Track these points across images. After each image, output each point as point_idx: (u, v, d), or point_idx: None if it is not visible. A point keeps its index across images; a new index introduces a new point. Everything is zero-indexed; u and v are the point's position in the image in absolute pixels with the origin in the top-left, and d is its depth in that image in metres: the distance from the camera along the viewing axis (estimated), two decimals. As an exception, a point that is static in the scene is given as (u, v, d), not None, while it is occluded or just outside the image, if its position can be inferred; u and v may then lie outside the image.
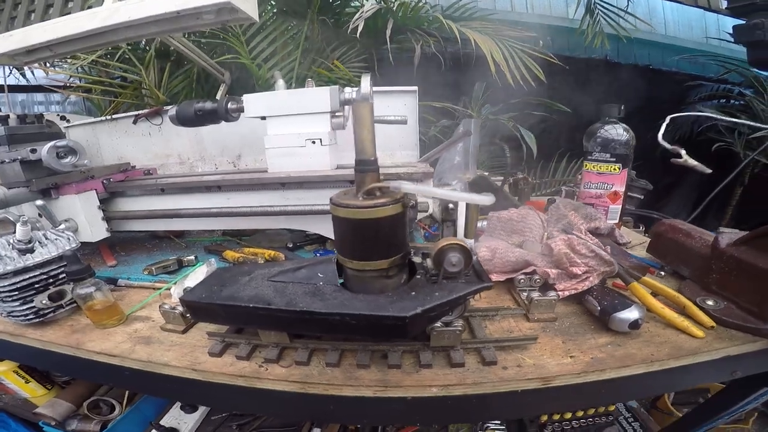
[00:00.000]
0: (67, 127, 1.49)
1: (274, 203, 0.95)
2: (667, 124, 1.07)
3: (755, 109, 2.70)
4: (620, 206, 1.17)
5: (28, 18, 1.05)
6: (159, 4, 0.85)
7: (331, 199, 0.57)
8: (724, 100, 3.11)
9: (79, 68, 2.03)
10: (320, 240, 1.07)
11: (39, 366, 1.14)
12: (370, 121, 0.50)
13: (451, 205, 0.66)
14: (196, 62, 1.53)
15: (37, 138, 1.07)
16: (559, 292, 0.78)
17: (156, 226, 1.14)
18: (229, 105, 1.00)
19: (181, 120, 1.01)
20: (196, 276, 0.90)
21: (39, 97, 3.01)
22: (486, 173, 1.32)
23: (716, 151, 2.56)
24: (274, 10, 2.03)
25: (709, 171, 0.84)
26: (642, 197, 1.43)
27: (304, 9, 1.94)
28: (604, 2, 2.39)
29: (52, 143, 0.95)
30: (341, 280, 0.64)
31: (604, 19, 2.38)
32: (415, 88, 1.19)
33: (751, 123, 0.90)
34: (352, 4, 2.13)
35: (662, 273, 0.91)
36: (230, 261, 1.01)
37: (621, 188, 1.14)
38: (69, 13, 0.97)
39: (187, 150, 1.34)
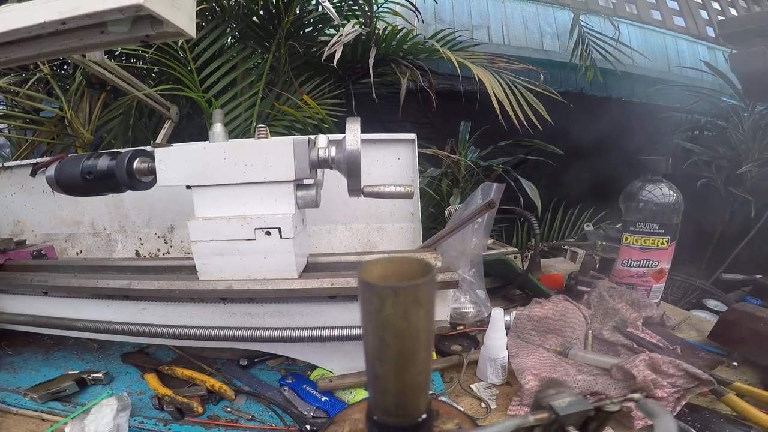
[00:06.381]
0: (-56, 177, 1.11)
1: (212, 323, 0.64)
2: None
3: (732, 140, 2.66)
4: (663, 284, 0.96)
5: None
6: (28, 13, 0.54)
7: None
8: (697, 132, 3.10)
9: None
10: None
11: None
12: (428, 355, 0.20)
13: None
14: (128, 92, 1.22)
15: None
16: (639, 421, 0.59)
17: (48, 332, 0.79)
18: (137, 164, 0.66)
19: (64, 185, 0.67)
20: (100, 412, 0.67)
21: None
22: (490, 240, 1.07)
23: (702, 187, 2.49)
24: (236, 34, 1.75)
25: None
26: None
27: (270, 35, 1.67)
28: (595, 32, 2.29)
29: None
30: None
31: (596, 50, 2.26)
32: (413, 136, 0.93)
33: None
34: (327, 31, 1.88)
35: (735, 363, 0.78)
36: (153, 391, 0.68)
37: (667, 265, 0.93)
38: None
39: (102, 217, 1.00)
